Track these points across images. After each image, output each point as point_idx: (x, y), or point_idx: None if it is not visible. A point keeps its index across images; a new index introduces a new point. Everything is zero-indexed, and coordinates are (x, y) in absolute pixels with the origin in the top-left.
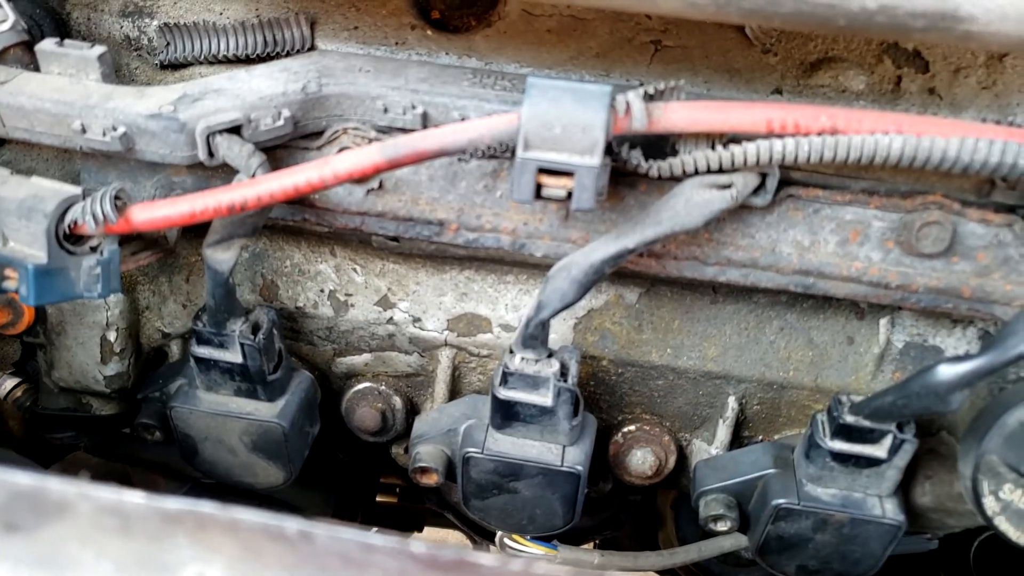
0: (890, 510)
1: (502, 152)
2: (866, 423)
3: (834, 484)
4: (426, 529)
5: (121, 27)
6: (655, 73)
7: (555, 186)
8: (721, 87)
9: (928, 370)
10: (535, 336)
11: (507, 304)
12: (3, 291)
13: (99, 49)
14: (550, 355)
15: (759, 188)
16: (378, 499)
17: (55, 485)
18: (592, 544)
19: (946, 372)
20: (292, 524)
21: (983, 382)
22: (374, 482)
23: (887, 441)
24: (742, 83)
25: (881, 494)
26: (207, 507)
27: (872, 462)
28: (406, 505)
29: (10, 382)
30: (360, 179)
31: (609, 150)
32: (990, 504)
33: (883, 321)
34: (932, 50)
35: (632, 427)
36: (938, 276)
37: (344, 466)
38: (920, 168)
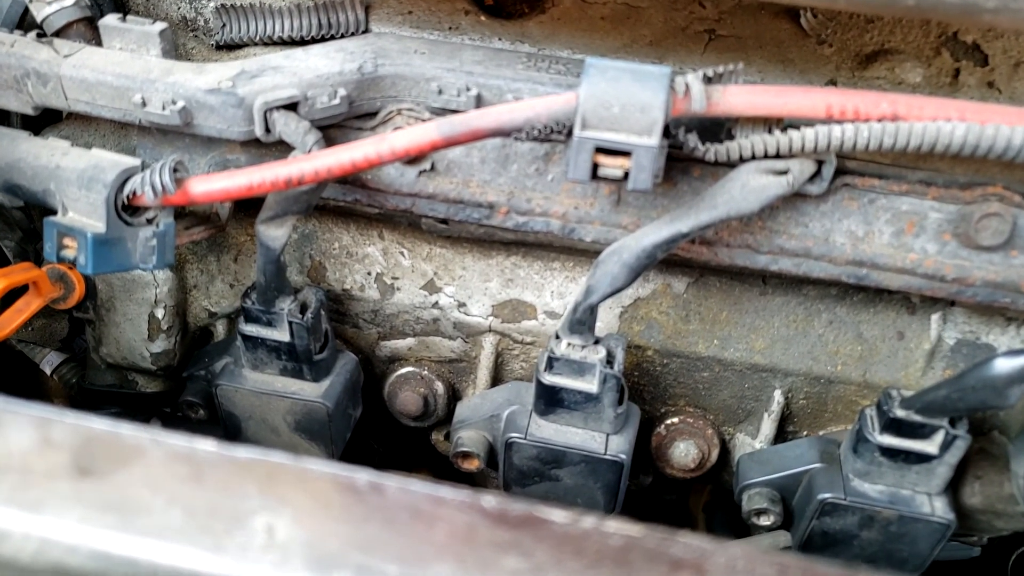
0: (939, 508)
1: (557, 133)
2: (917, 418)
3: (882, 480)
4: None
5: (179, 8)
6: (708, 62)
7: (612, 166)
8: (775, 77)
9: (985, 363)
10: (583, 321)
11: (553, 291)
12: (62, 259)
13: (160, 25)
14: (596, 342)
15: (815, 176)
16: None
17: (128, 431)
18: None
19: (1004, 365)
20: (363, 476)
21: None
22: (411, 469)
23: (938, 437)
24: (796, 73)
25: (930, 492)
26: (278, 457)
27: (922, 458)
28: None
29: (57, 358)
30: (416, 156)
31: (666, 133)
32: None
33: (935, 317)
34: (992, 43)
35: (675, 419)
36: (996, 270)
37: (377, 456)
38: (981, 158)
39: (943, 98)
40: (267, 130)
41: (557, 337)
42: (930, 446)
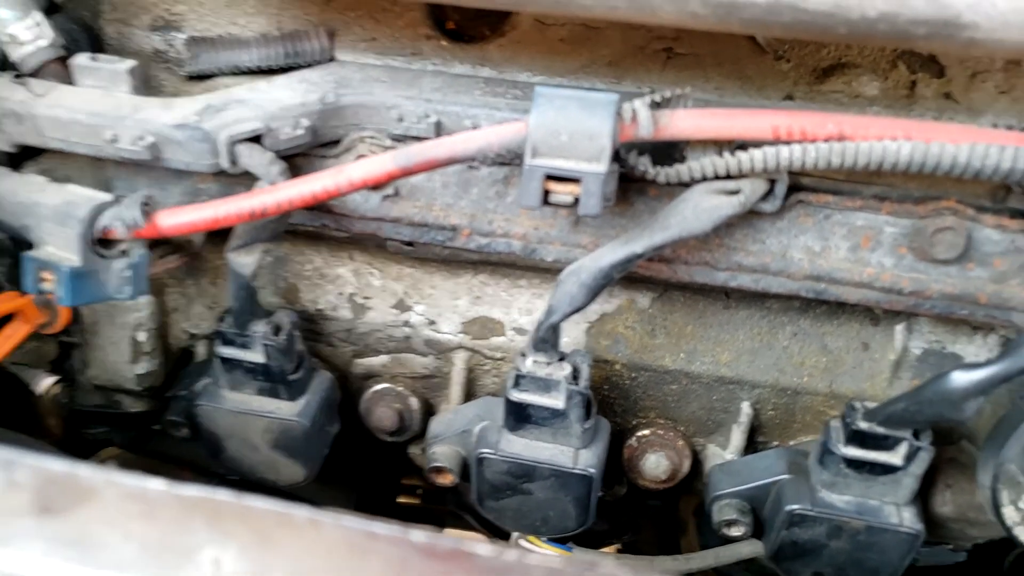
0: (908, 519)
1: (511, 159)
2: (880, 430)
3: (849, 491)
4: (446, 530)
5: (151, 40)
6: (667, 80)
7: (562, 192)
8: (733, 93)
9: (941, 377)
10: (546, 340)
11: (520, 308)
12: (40, 292)
13: (129, 63)
14: (562, 358)
15: (768, 194)
16: (400, 500)
17: (85, 471)
18: (615, 548)
19: (960, 379)
20: (301, 512)
21: (1003, 389)
22: (395, 482)
23: (902, 448)
24: (754, 89)
25: (898, 502)
26: (222, 495)
27: (888, 469)
28: (427, 506)
29: (48, 379)
30: (375, 186)
31: (617, 157)
32: (1010, 514)
33: (899, 328)
34: (947, 55)
35: (646, 431)
36: (953, 282)
37: (365, 465)
38: (931, 174)
39: (888, 118)
40: (233, 162)
41: (523, 355)
42: (894, 457)
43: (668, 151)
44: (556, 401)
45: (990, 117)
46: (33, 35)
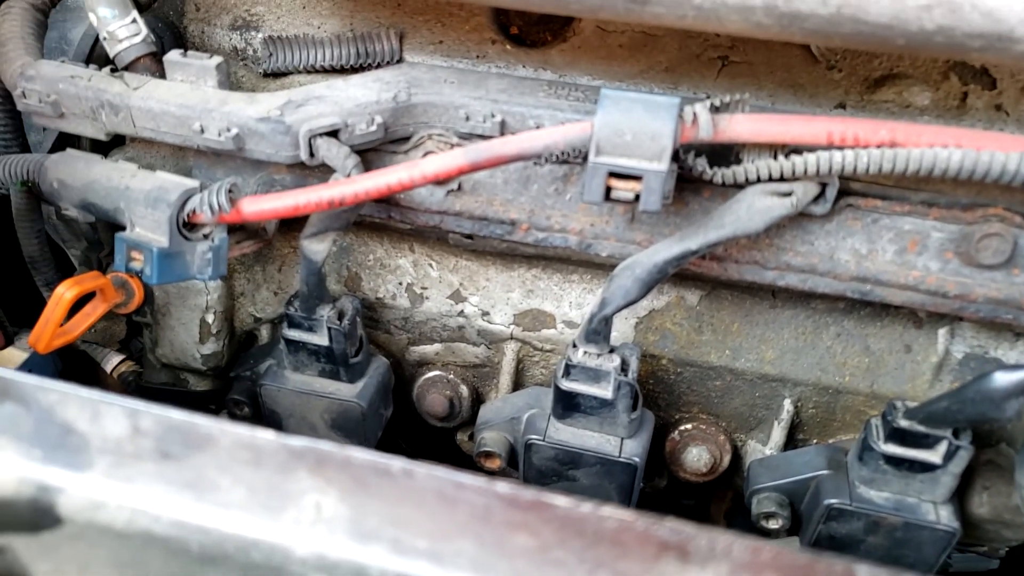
0: (944, 516)
1: (574, 158)
2: (920, 428)
3: (887, 488)
4: None
5: (230, 39)
6: (721, 87)
7: (624, 189)
8: (785, 101)
9: (984, 376)
10: (598, 331)
11: (571, 302)
12: (129, 271)
13: (216, 59)
14: (611, 350)
15: (819, 197)
16: None
17: (202, 421)
18: None
19: (1002, 379)
20: (396, 463)
21: None
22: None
23: (942, 447)
24: (806, 97)
25: (936, 500)
26: (325, 445)
27: (926, 467)
28: None
29: (116, 358)
30: (444, 180)
31: (676, 157)
32: None
33: (942, 331)
34: (999, 67)
35: (689, 425)
36: (998, 287)
37: (406, 455)
38: (981, 181)
39: (940, 126)
40: (311, 155)
41: (574, 346)
42: (934, 456)
43: (724, 153)
44: (605, 391)
45: None
46: (129, 32)
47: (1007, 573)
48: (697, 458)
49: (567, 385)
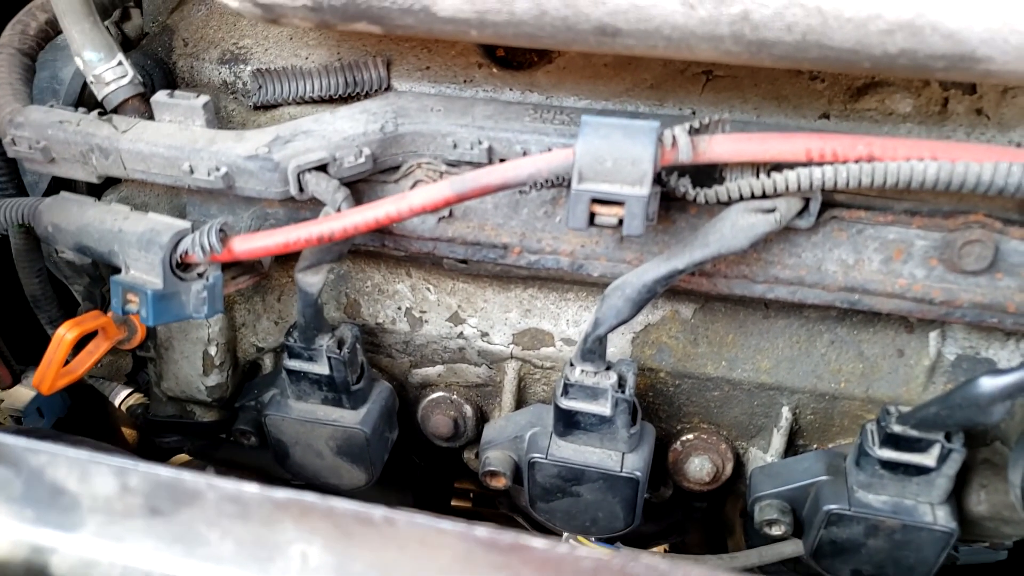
0: (942, 517)
1: (559, 184)
2: (913, 432)
3: (885, 491)
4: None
5: (219, 73)
6: (707, 102)
7: (607, 215)
8: (770, 113)
9: (970, 382)
10: (593, 350)
11: (568, 319)
12: (126, 312)
13: (204, 99)
14: (608, 367)
15: (803, 211)
16: (453, 503)
17: (188, 477)
18: (663, 550)
19: (988, 384)
20: (377, 511)
21: None
22: (448, 485)
23: (935, 450)
24: (790, 109)
25: (932, 501)
26: (309, 496)
27: (921, 470)
28: (479, 510)
29: (124, 391)
30: (432, 211)
31: (659, 179)
32: None
33: (933, 335)
34: None
35: (690, 436)
36: (983, 292)
37: (420, 470)
38: (958, 192)
39: (916, 139)
40: (300, 189)
41: (571, 364)
42: (928, 459)
43: (708, 171)
44: (603, 408)
45: (1021, 131)
46: (116, 75)
47: (1014, 566)
48: (699, 468)
49: (566, 404)
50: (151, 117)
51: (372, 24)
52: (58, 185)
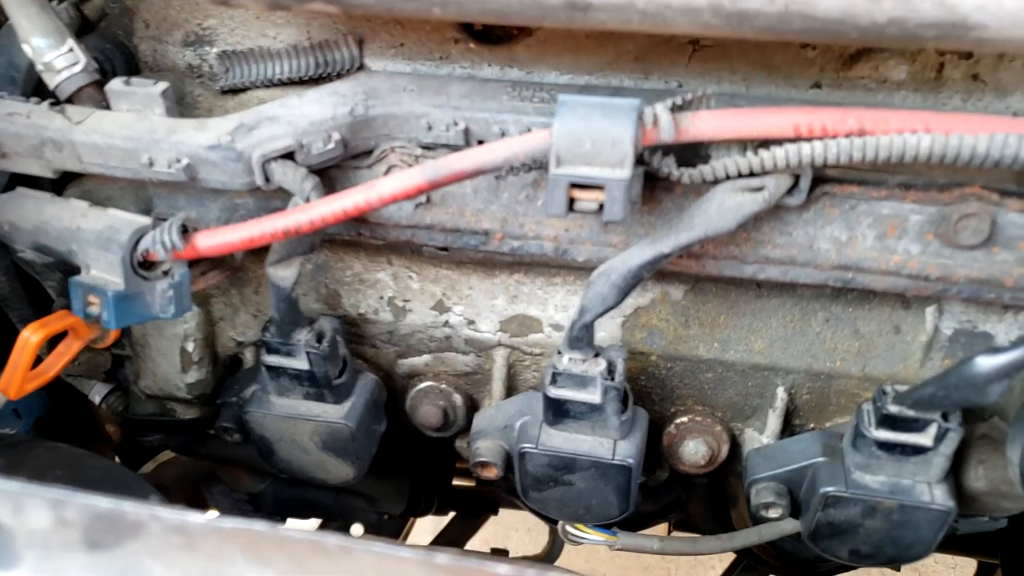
0: (939, 496)
1: (537, 167)
2: (910, 413)
3: (882, 472)
4: (501, 511)
5: (184, 56)
6: (693, 73)
7: (587, 199)
8: (760, 83)
9: (966, 362)
10: (580, 338)
11: (556, 305)
12: (88, 316)
13: (162, 86)
14: (597, 354)
15: (793, 188)
16: (456, 482)
17: (130, 508)
18: (667, 525)
19: (983, 364)
20: (332, 539)
21: None
22: (450, 468)
23: (932, 430)
24: (780, 79)
25: (930, 480)
26: (258, 526)
27: (918, 450)
28: (482, 489)
29: (104, 389)
30: (404, 199)
31: (641, 160)
32: None
33: (929, 310)
34: None
35: (684, 418)
36: (979, 267)
37: (419, 455)
38: (952, 164)
39: (908, 111)
40: (267, 180)
41: (559, 353)
42: (924, 439)
43: (695, 149)
44: (592, 396)
45: (1019, 96)
46: (67, 62)
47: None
48: (694, 451)
49: (555, 392)
50: (108, 107)
51: (329, 4)
52: (18, 180)
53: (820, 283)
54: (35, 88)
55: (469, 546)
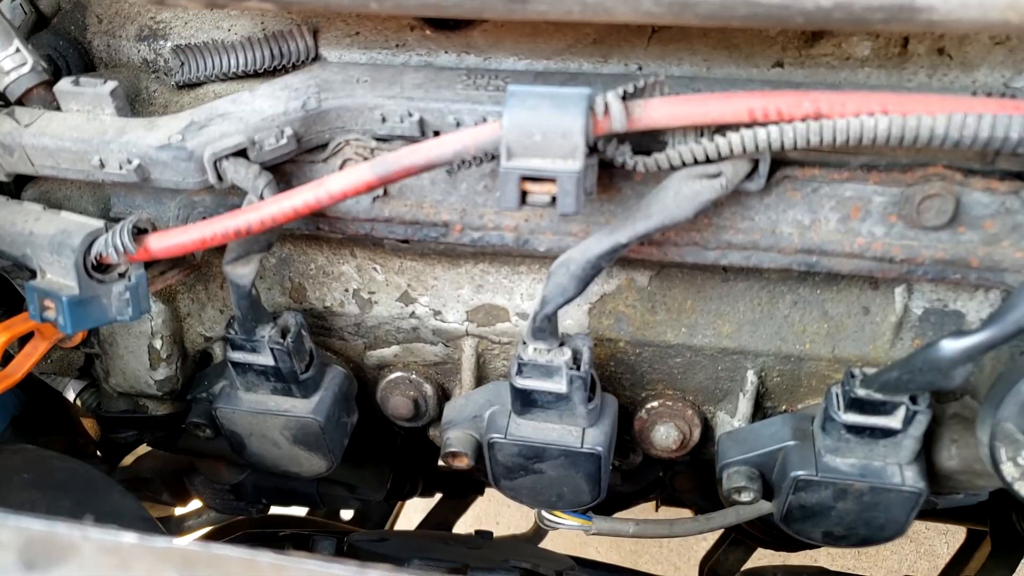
0: (910, 478)
1: (490, 159)
2: (877, 396)
3: (852, 454)
4: (490, 490)
5: (139, 51)
6: (653, 56)
7: (539, 192)
8: (721, 64)
9: (931, 346)
10: (543, 328)
11: (522, 293)
12: (44, 320)
13: (111, 84)
14: (562, 344)
15: (752, 173)
16: (441, 465)
17: (62, 529)
18: (655, 504)
19: (948, 347)
20: (265, 558)
21: (1004, 347)
22: (434, 451)
23: (901, 412)
24: (742, 59)
25: (900, 462)
26: (191, 545)
27: (887, 433)
28: (467, 472)
29: (77, 385)
30: (354, 195)
31: (595, 150)
32: (1008, 470)
33: (898, 290)
34: None
35: (655, 403)
36: (944, 247)
37: (400, 440)
38: (912, 146)
39: (865, 92)
40: (219, 178)
41: (524, 343)
42: (893, 421)
43: (652, 135)
44: (558, 386)
45: (985, 70)
46: (15, 63)
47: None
48: (665, 436)
49: (521, 383)
50: (59, 108)
51: (264, 1)
52: None
53: (784, 267)
54: None
55: (459, 524)
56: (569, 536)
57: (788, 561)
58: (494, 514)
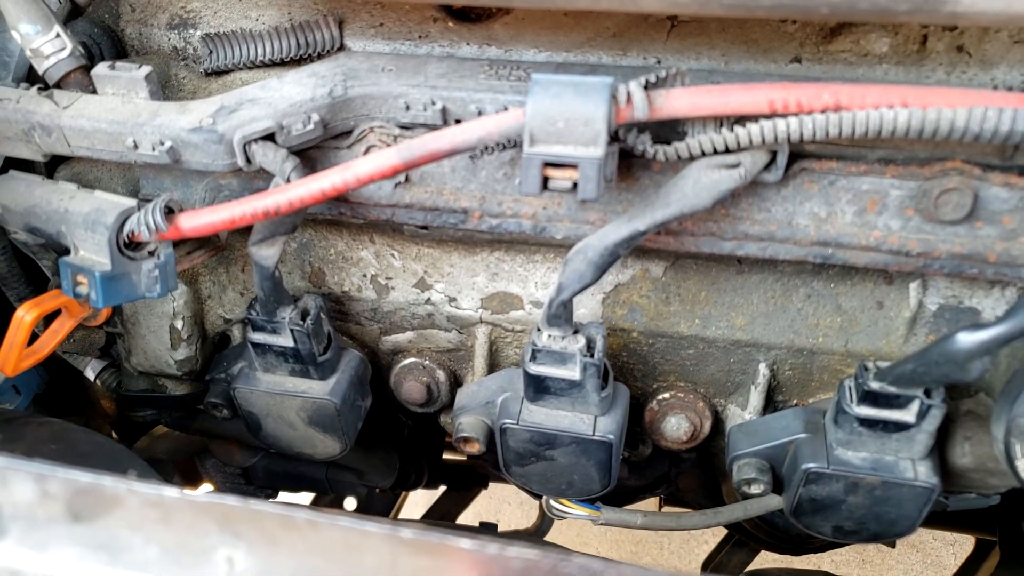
0: (923, 473)
1: (512, 146)
2: (891, 389)
3: (864, 448)
4: (493, 485)
5: (169, 39)
6: (672, 49)
7: (561, 178)
8: (739, 58)
9: (947, 338)
10: (558, 315)
11: (536, 282)
12: (77, 295)
13: (145, 70)
14: (576, 331)
15: (770, 164)
16: (447, 457)
17: (108, 482)
18: (658, 500)
19: (965, 340)
20: (301, 514)
21: (1020, 343)
22: (440, 442)
23: (915, 406)
24: (760, 53)
25: (913, 457)
26: (230, 500)
27: (901, 427)
28: (472, 463)
29: (98, 364)
30: (380, 179)
31: (616, 138)
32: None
33: (913, 285)
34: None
35: (667, 394)
36: (961, 242)
37: (408, 429)
38: (931, 139)
39: (885, 85)
40: (248, 161)
41: (538, 330)
42: (907, 415)
43: (672, 125)
44: (572, 373)
45: (1004, 68)
46: (55, 47)
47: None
48: (676, 427)
49: (535, 369)
50: (95, 91)
51: None
52: (12, 163)
53: (800, 259)
54: (28, 73)
55: (461, 519)
56: (570, 534)
57: (792, 565)
58: (495, 510)
